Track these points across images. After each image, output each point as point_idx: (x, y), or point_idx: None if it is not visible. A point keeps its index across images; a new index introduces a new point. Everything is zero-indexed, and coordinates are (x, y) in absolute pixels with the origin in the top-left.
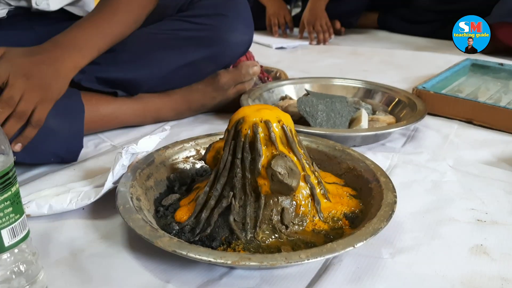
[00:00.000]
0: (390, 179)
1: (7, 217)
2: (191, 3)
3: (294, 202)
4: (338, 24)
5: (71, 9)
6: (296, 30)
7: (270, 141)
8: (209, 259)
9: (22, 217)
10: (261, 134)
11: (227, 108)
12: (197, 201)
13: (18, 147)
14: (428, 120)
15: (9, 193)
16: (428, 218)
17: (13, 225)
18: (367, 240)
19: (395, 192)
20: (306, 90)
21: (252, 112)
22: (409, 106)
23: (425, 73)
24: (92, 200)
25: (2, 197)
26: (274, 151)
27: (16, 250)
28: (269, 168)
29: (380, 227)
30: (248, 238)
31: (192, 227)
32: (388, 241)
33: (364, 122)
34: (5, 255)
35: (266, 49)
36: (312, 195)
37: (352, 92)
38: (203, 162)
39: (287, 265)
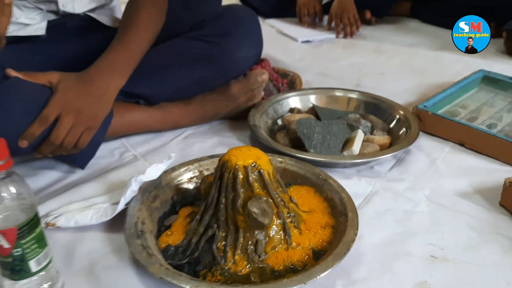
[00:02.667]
0: (357, 215)
1: (33, 251)
2: (203, 22)
3: (267, 236)
4: (368, 14)
5: (100, 18)
6: (326, 19)
7: (248, 183)
8: (187, 287)
9: (45, 250)
10: (240, 177)
11: (239, 115)
12: (190, 226)
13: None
14: (423, 140)
15: (34, 234)
16: (387, 251)
17: (38, 256)
18: (316, 279)
19: (357, 230)
20: (312, 104)
21: (235, 157)
22: (405, 127)
23: (440, 80)
24: (109, 218)
25: (30, 237)
26: (251, 194)
27: (43, 272)
28: (246, 208)
29: (331, 266)
30: (225, 264)
31: (184, 248)
32: (346, 272)
33: (356, 146)
34: (34, 277)
35: (291, 44)
36: (284, 229)
37: (355, 105)
38: (203, 178)
39: None
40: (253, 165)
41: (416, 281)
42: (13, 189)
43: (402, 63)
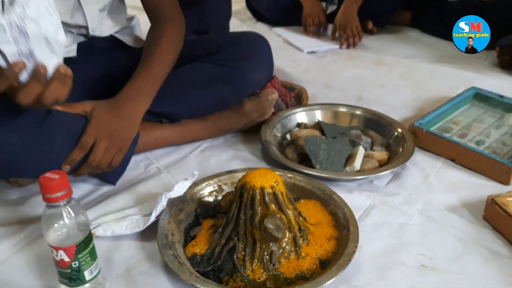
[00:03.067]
0: (357, 229)
1: (87, 263)
2: (219, 47)
3: (280, 248)
4: (370, 24)
5: (123, 38)
6: (329, 28)
7: (264, 203)
8: None
9: (96, 261)
10: (258, 197)
11: (251, 129)
12: (213, 237)
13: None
14: (418, 156)
15: (88, 248)
16: (383, 261)
17: (90, 267)
18: (323, 286)
19: (357, 242)
20: (318, 121)
21: (253, 180)
22: (401, 145)
23: (436, 94)
24: (141, 228)
25: (85, 251)
26: (267, 211)
27: (93, 280)
28: (263, 224)
29: (335, 275)
30: (245, 272)
31: (208, 257)
32: (347, 279)
33: (357, 162)
34: (87, 285)
35: (297, 54)
36: (295, 241)
37: (357, 120)
38: (224, 195)
39: None
40: (269, 187)
41: (407, 287)
42: (72, 213)
43: (402, 75)
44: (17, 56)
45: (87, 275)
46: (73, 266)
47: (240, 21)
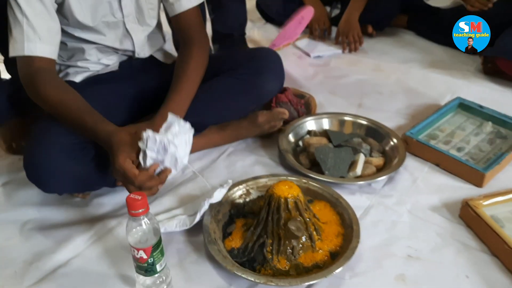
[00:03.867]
0: (359, 227)
1: (159, 258)
2: (239, 63)
3: (300, 243)
4: (370, 29)
5: (156, 55)
6: (333, 31)
7: (287, 209)
8: (252, 278)
9: (164, 256)
10: (282, 205)
11: (264, 135)
12: (247, 235)
13: None
14: (409, 161)
15: (160, 248)
16: (379, 252)
17: (161, 261)
18: (333, 273)
19: (359, 238)
20: (327, 131)
21: (279, 191)
22: (396, 150)
23: (427, 101)
24: (188, 227)
25: (157, 250)
26: (289, 215)
27: (162, 271)
28: (286, 225)
29: (342, 265)
30: (273, 262)
31: (243, 250)
32: (351, 267)
33: (359, 168)
34: (157, 274)
35: (305, 59)
36: (311, 238)
37: (359, 127)
38: (251, 197)
39: (290, 286)
40: (291, 196)
41: (397, 274)
42: (148, 223)
43: (397, 82)
44: (152, 161)
45: (158, 267)
46: (149, 261)
47: (251, 23)
